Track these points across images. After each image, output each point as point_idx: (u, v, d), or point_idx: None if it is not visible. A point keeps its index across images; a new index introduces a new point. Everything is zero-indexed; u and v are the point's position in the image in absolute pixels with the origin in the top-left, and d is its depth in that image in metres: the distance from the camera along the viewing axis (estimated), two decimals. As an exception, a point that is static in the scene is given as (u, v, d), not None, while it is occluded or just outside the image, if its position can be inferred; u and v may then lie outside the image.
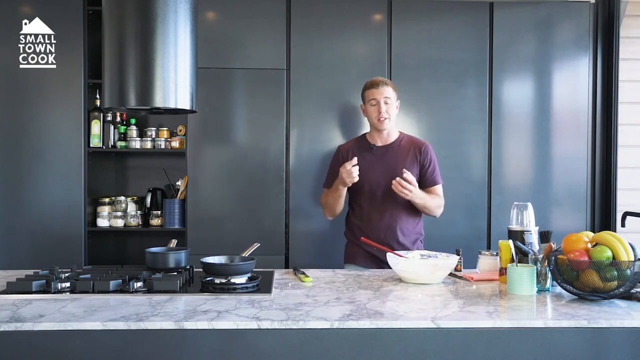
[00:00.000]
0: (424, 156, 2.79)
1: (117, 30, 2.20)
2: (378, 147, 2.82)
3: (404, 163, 2.76)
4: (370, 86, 2.81)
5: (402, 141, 2.84)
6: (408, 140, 2.85)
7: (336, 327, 1.64)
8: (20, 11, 3.35)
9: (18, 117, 3.37)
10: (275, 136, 3.43)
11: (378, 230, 2.74)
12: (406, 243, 2.75)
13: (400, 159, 2.78)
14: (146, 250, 2.24)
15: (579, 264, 1.87)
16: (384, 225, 2.75)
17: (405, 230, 2.76)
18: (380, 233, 2.73)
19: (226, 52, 3.42)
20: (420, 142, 2.85)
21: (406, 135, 2.88)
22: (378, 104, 2.76)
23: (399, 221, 2.75)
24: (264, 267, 2.41)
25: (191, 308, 1.78)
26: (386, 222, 2.75)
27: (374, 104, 2.77)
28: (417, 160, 2.78)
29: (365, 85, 2.85)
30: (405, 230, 2.76)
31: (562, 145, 3.52)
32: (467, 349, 1.65)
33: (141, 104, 2.20)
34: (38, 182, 3.38)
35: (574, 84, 3.52)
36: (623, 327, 1.67)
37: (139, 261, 3.16)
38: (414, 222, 2.80)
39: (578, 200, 3.52)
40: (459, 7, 3.49)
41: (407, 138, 2.86)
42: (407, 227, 2.77)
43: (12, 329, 1.60)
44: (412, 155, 2.79)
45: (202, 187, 3.44)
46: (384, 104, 2.76)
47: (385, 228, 2.74)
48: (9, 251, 3.35)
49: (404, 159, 2.78)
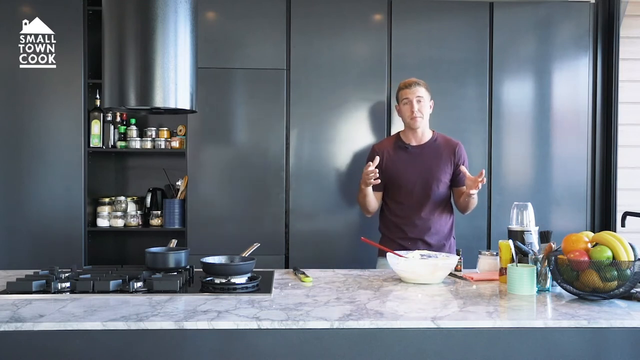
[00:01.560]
0: (457, 156, 2.86)
1: (117, 30, 2.20)
2: (413, 147, 2.87)
3: (439, 162, 2.83)
4: (403, 86, 2.87)
5: (437, 140, 2.89)
6: (442, 139, 2.91)
7: (336, 327, 1.64)
8: (20, 11, 3.35)
9: (18, 117, 3.37)
10: (275, 136, 3.43)
11: (413, 228, 2.82)
12: (438, 238, 2.83)
13: (435, 158, 2.84)
14: (146, 250, 2.24)
15: (579, 264, 1.87)
16: (419, 223, 2.82)
17: (438, 225, 2.84)
18: (414, 228, 2.81)
19: (226, 52, 3.42)
20: (453, 142, 2.90)
21: (440, 135, 2.93)
22: (410, 103, 2.82)
23: (432, 217, 2.83)
24: (264, 267, 2.41)
25: (191, 308, 1.78)
26: (422, 219, 2.82)
27: (406, 103, 2.84)
28: (452, 160, 2.85)
29: (399, 86, 2.91)
30: (438, 226, 2.84)
31: (562, 145, 3.52)
32: (467, 349, 1.65)
33: (141, 104, 2.20)
34: (38, 182, 3.38)
35: (574, 84, 3.52)
36: (623, 327, 1.67)
37: (139, 261, 3.16)
38: (446, 218, 2.88)
39: (578, 200, 3.52)
40: (459, 7, 3.49)
41: (441, 137, 2.92)
42: (440, 223, 2.85)
43: (12, 329, 1.60)
44: (447, 155, 2.85)
45: (202, 187, 3.44)
46: (417, 103, 2.81)
47: (420, 225, 2.82)
48: (9, 251, 3.35)
49: (438, 158, 2.84)
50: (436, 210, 2.83)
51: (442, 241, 2.84)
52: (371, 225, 3.32)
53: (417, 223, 2.82)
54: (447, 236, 2.88)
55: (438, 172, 2.82)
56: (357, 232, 3.34)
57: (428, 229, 2.82)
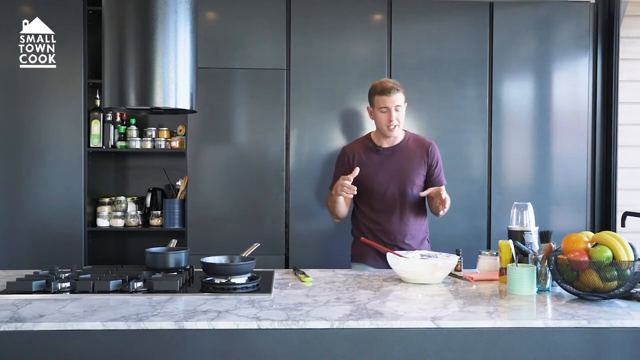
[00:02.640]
0: (431, 157, 2.77)
1: (117, 30, 2.20)
2: (385, 149, 2.78)
3: (412, 164, 2.75)
4: (381, 92, 2.70)
5: (409, 141, 2.80)
6: (414, 140, 2.82)
7: (336, 327, 1.64)
8: (20, 11, 3.35)
9: (18, 117, 3.37)
10: (275, 136, 3.43)
11: (386, 231, 2.74)
12: (413, 243, 2.76)
13: (407, 160, 2.76)
14: (146, 250, 2.24)
15: (579, 264, 1.87)
16: (392, 226, 2.74)
17: (413, 230, 2.77)
18: (388, 233, 2.74)
19: (226, 52, 3.42)
20: (426, 142, 2.81)
21: (411, 135, 2.85)
22: (389, 112, 2.69)
23: (406, 221, 2.75)
24: (264, 267, 2.41)
25: (191, 308, 1.78)
26: (394, 222, 2.74)
27: (385, 112, 2.70)
28: (425, 161, 2.77)
29: (375, 90, 2.74)
30: (413, 230, 2.77)
31: (562, 145, 3.52)
32: (467, 349, 1.65)
33: (141, 104, 2.20)
34: (38, 182, 3.38)
35: (574, 84, 3.52)
36: (623, 327, 1.67)
37: (139, 261, 3.16)
38: (421, 222, 2.82)
39: (578, 200, 3.52)
40: (459, 7, 3.49)
41: (413, 138, 2.83)
42: (415, 227, 2.78)
43: (12, 329, 1.60)
44: (420, 156, 2.77)
45: (202, 187, 3.44)
46: (395, 111, 2.69)
47: (393, 228, 2.74)
48: (9, 251, 3.35)
49: (411, 160, 2.76)
50: (410, 214, 2.75)
51: (417, 246, 2.75)
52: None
53: (391, 228, 2.73)
54: (422, 240, 2.80)
55: (411, 174, 2.73)
56: (357, 232, 3.34)
57: (402, 233, 2.73)
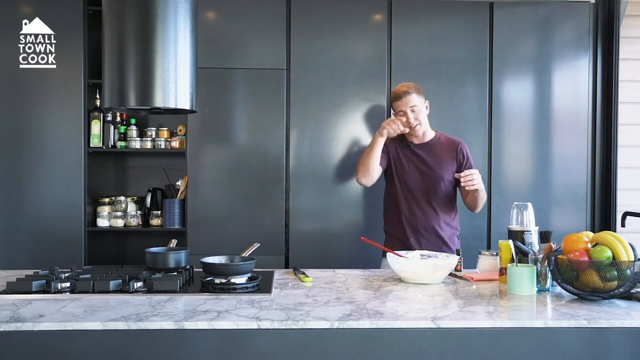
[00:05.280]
0: (460, 155, 2.86)
1: (117, 30, 2.20)
2: (416, 145, 2.89)
3: (441, 161, 2.84)
4: (394, 98, 2.87)
5: (440, 139, 2.91)
6: (444, 139, 2.92)
7: (336, 327, 1.64)
8: (20, 11, 3.35)
9: (18, 117, 3.37)
10: (275, 136, 3.43)
11: (418, 226, 2.82)
12: (445, 238, 2.82)
13: (436, 156, 2.86)
14: (146, 250, 2.24)
15: (579, 264, 1.87)
16: (423, 221, 2.82)
17: (444, 225, 2.84)
18: (420, 229, 2.82)
19: (226, 52, 3.42)
20: (456, 141, 2.91)
21: (442, 134, 2.94)
22: (405, 115, 2.83)
23: (438, 217, 2.83)
24: (264, 267, 2.41)
25: (191, 308, 1.78)
26: (425, 218, 2.82)
27: (402, 115, 2.84)
28: (454, 158, 2.86)
29: (392, 97, 2.91)
30: (444, 226, 2.84)
31: (562, 145, 3.52)
32: (467, 349, 1.65)
33: (141, 104, 2.20)
34: (38, 182, 3.38)
35: (574, 84, 3.52)
36: (623, 327, 1.67)
37: (139, 261, 3.16)
38: (452, 217, 2.88)
39: (578, 200, 3.52)
40: (459, 7, 3.49)
41: (444, 137, 2.93)
42: (446, 223, 2.85)
43: (12, 329, 1.60)
44: (449, 153, 2.86)
45: (202, 187, 3.44)
46: (411, 112, 2.82)
47: (424, 224, 2.82)
48: (9, 251, 3.35)
49: (440, 156, 2.85)
50: (439, 209, 2.82)
51: (447, 241, 2.82)
52: (371, 225, 3.33)
53: (419, 222, 2.82)
54: (451, 236, 2.87)
55: (440, 169, 2.83)
56: (357, 232, 3.34)
57: (431, 228, 2.81)
